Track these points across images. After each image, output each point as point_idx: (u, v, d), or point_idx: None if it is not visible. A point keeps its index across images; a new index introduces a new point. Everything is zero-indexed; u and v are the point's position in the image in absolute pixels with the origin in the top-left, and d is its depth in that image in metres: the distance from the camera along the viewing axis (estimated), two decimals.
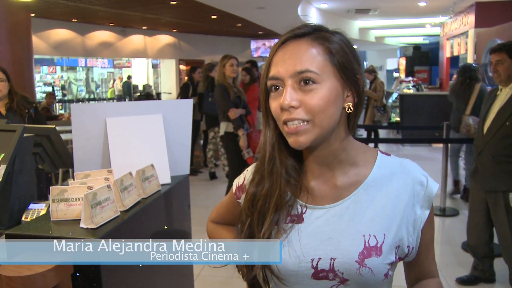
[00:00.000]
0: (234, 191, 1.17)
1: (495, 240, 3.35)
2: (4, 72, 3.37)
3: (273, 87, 0.95)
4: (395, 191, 0.98)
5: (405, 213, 0.97)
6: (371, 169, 1.00)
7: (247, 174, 1.13)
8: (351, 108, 0.96)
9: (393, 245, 0.96)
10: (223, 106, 4.70)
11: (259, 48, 17.55)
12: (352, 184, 0.99)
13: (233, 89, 4.73)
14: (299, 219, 0.99)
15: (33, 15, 8.58)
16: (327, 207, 0.99)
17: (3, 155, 1.70)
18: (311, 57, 0.92)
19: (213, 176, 7.17)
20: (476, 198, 3.34)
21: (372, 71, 8.42)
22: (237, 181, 1.17)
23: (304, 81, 0.91)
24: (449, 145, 5.47)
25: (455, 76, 6.42)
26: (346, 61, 0.94)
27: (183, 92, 7.19)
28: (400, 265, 1.07)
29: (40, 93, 15.27)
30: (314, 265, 0.95)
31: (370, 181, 0.99)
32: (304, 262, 0.95)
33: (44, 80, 16.94)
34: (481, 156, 3.16)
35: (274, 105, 0.95)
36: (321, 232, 0.97)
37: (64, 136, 4.95)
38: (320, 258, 0.94)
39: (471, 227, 3.46)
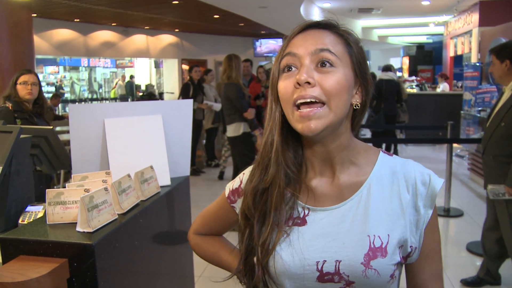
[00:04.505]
0: (227, 195, 1.12)
1: None
2: (37, 77, 3.46)
3: (286, 67, 0.93)
4: (397, 191, 0.96)
5: (407, 213, 0.95)
6: (372, 168, 0.98)
7: (244, 177, 1.09)
8: (358, 105, 0.96)
9: (397, 245, 0.93)
10: (240, 106, 4.68)
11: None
12: (353, 183, 0.97)
13: (245, 89, 4.75)
14: (302, 221, 0.96)
15: (34, 15, 8.58)
16: (330, 208, 0.96)
17: None
18: (333, 42, 0.92)
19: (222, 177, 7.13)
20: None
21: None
22: (231, 185, 1.13)
23: (322, 63, 0.90)
24: None
25: None
26: (361, 58, 0.96)
27: (184, 92, 7.15)
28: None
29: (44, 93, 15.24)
30: (319, 268, 0.92)
31: (372, 181, 0.97)
32: (308, 265, 0.92)
33: (47, 80, 16.96)
34: (484, 156, 3.22)
35: (284, 84, 0.92)
36: (325, 234, 0.94)
37: (67, 136, 4.95)
38: (325, 261, 0.92)
39: (486, 225, 3.42)
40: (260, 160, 1.00)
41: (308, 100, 0.88)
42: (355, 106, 0.96)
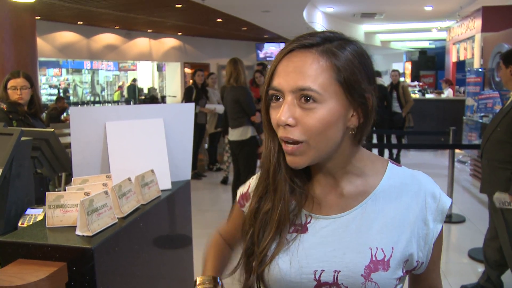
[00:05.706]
0: (237, 199, 1.14)
1: None
2: (28, 79, 3.34)
3: (274, 97, 0.91)
4: (405, 203, 0.93)
5: (415, 226, 0.93)
6: (380, 179, 0.95)
7: (252, 182, 1.09)
8: (354, 130, 0.91)
9: (402, 260, 0.91)
10: (249, 110, 4.68)
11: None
12: (359, 194, 0.95)
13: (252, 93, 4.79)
14: (303, 228, 0.95)
15: (38, 17, 8.59)
16: (333, 217, 0.94)
17: None
18: (315, 74, 0.85)
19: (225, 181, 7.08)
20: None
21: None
22: (242, 189, 1.14)
23: (305, 98, 0.85)
24: None
25: None
26: (354, 80, 0.87)
27: (187, 95, 7.14)
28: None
29: (45, 95, 15.34)
30: (317, 277, 0.90)
31: (379, 192, 0.94)
32: (306, 273, 0.91)
33: (50, 83, 17.01)
34: (482, 159, 3.24)
35: (274, 116, 0.91)
36: (326, 243, 0.92)
37: (68, 139, 4.95)
38: (323, 270, 0.90)
39: (488, 234, 3.40)
40: (262, 181, 0.99)
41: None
42: (352, 131, 0.91)
